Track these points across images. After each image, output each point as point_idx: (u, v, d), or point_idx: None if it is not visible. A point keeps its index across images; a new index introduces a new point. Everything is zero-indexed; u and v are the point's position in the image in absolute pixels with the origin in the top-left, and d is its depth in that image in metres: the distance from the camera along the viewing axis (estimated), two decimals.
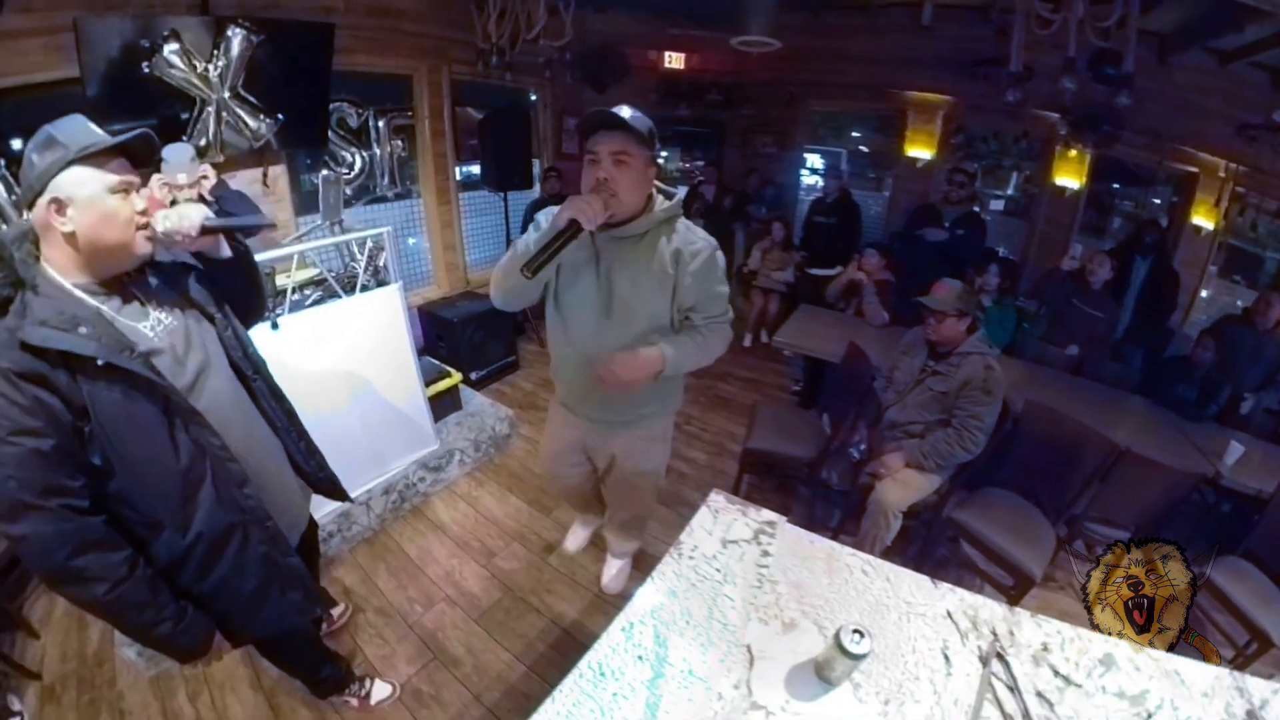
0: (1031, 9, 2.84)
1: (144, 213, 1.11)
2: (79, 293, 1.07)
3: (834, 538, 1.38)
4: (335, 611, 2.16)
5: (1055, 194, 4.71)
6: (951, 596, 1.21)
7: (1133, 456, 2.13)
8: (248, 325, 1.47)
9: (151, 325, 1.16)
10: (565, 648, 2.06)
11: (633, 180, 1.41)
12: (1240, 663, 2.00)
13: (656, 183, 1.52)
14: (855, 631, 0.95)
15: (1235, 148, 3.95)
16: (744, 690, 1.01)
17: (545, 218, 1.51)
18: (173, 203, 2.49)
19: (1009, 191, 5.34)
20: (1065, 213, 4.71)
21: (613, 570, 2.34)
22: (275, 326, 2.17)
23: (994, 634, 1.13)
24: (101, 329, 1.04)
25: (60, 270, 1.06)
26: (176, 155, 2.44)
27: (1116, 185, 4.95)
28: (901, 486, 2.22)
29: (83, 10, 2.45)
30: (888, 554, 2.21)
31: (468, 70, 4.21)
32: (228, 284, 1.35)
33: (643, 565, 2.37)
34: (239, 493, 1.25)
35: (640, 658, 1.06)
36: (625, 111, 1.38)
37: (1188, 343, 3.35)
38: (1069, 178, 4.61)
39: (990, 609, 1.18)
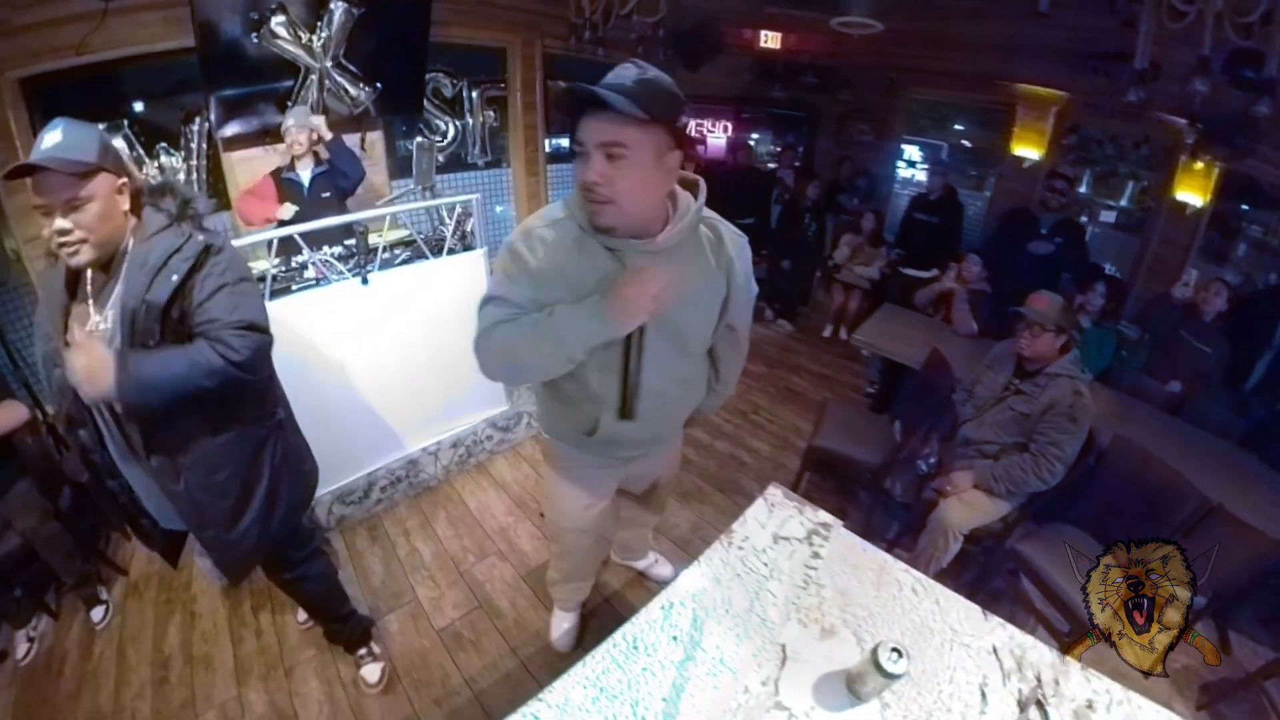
0: None
1: (63, 233, 1.14)
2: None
3: (889, 550, 1.35)
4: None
5: (1174, 210, 4.17)
6: (1000, 632, 1.15)
7: (1224, 514, 1.91)
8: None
9: (95, 322, 1.25)
10: (604, 616, 2.13)
11: (639, 179, 1.01)
12: None
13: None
14: (894, 650, 0.93)
15: None
16: (771, 688, 1.01)
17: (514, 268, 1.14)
18: (288, 172, 2.74)
19: (1122, 203, 4.76)
20: (1183, 232, 4.17)
21: (656, 560, 2.30)
22: (365, 282, 2.32)
23: (1038, 680, 1.07)
24: (46, 313, 1.27)
25: None
26: (296, 115, 2.69)
27: (1246, 207, 4.27)
28: (967, 508, 2.12)
29: None
30: (941, 576, 2.13)
31: (560, 44, 4.26)
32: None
33: (690, 549, 2.40)
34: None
35: (675, 638, 1.08)
36: (627, 75, 0.96)
37: None
38: (1192, 193, 4.07)
39: (1039, 652, 1.12)
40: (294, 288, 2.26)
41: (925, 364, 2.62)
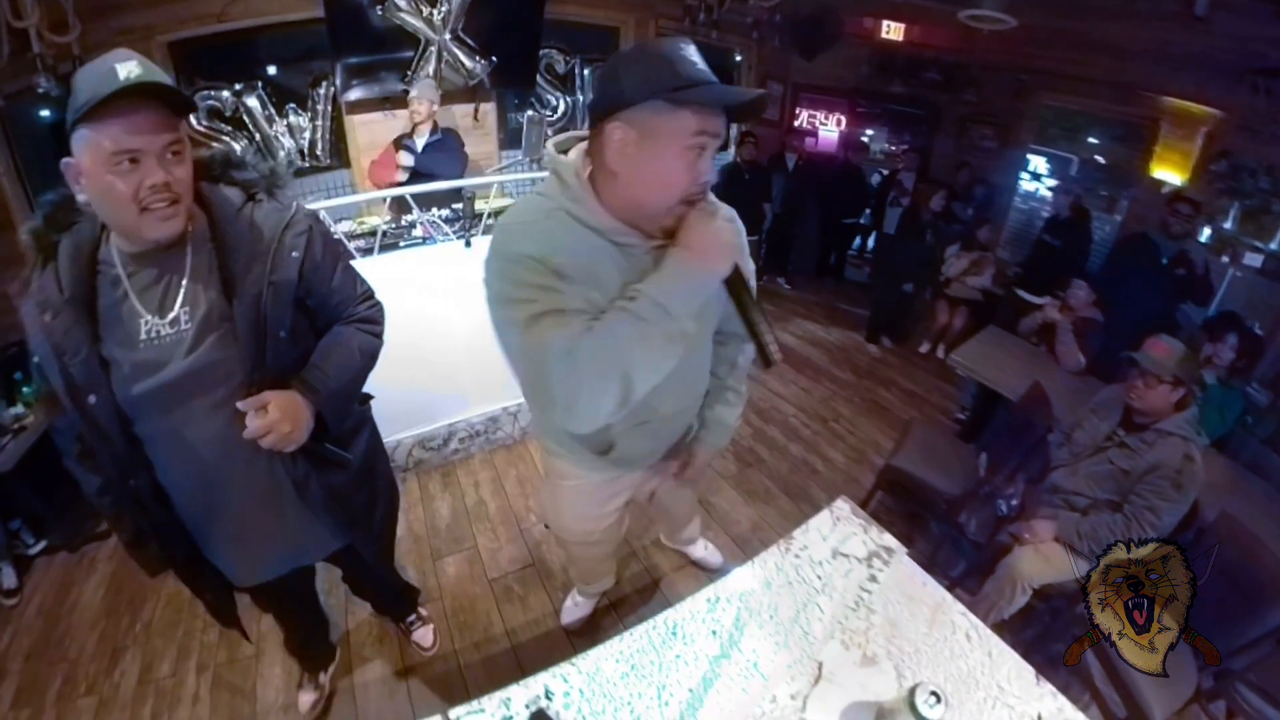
0: None
1: (163, 186, 0.89)
2: (115, 256, 0.97)
3: (950, 589, 1.30)
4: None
5: None
6: (1050, 701, 1.08)
7: None
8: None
9: (152, 326, 0.98)
10: (649, 597, 2.19)
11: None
12: None
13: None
14: (934, 693, 0.89)
15: None
16: (799, 704, 1.01)
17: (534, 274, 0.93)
18: (406, 139, 2.93)
19: (1272, 246, 4.11)
20: None
21: (706, 548, 2.31)
22: (468, 245, 2.46)
23: None
24: (67, 321, 0.93)
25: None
26: (422, 86, 2.87)
27: None
28: (1043, 560, 1.98)
29: None
30: (1000, 627, 2.00)
31: (674, 25, 4.23)
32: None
33: (747, 547, 2.41)
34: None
35: (714, 633, 1.10)
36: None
37: None
38: None
39: None
40: (402, 244, 2.43)
41: (1024, 397, 2.47)
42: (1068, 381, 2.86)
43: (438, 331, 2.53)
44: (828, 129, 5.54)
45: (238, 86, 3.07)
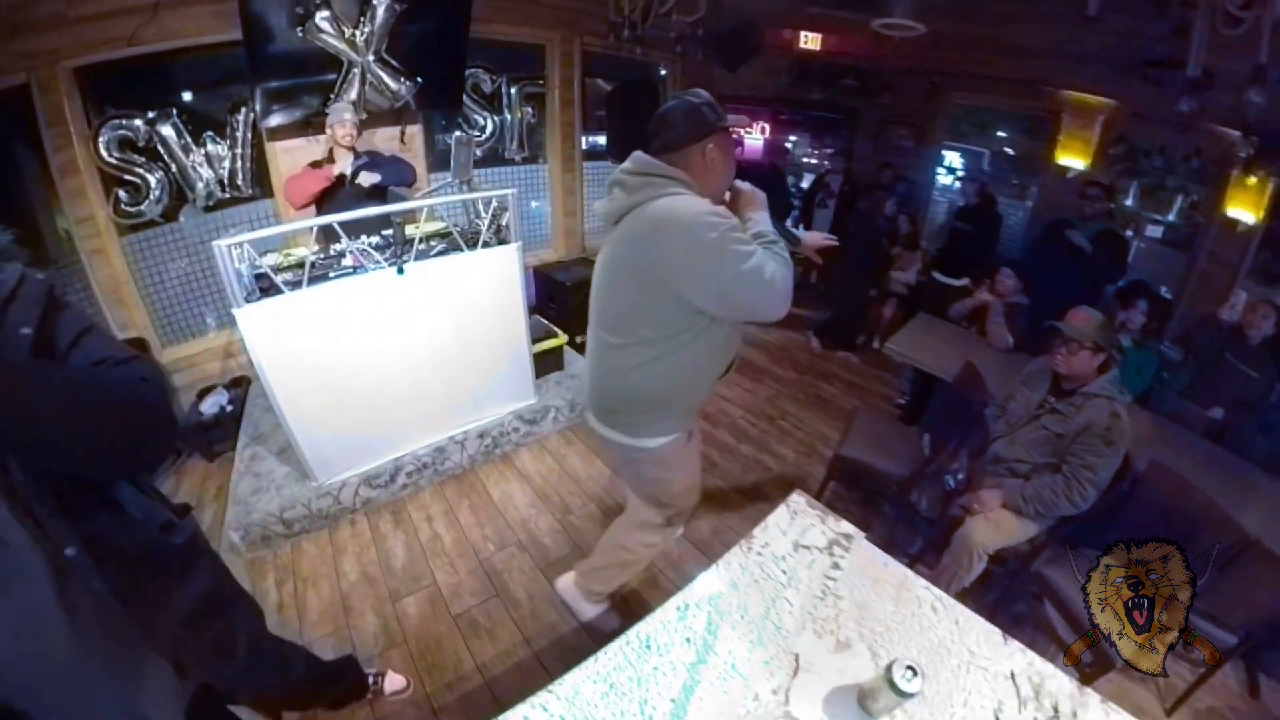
0: (1219, 4, 2.42)
1: None
2: None
3: (910, 565, 1.33)
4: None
5: (1225, 227, 3.96)
6: (1020, 657, 1.13)
7: (1262, 550, 1.83)
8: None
9: None
10: (620, 613, 2.13)
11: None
12: None
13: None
14: (909, 668, 0.92)
15: None
16: (781, 698, 1.01)
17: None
18: (330, 151, 2.83)
19: (1170, 217, 4.54)
20: (1234, 251, 3.95)
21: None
22: (401, 271, 2.37)
23: (1055, 710, 1.04)
24: None
25: None
26: (337, 109, 2.78)
27: None
28: (993, 527, 2.07)
29: None
30: (963, 595, 2.09)
31: (599, 42, 4.27)
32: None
33: (709, 551, 2.41)
34: None
35: (688, 640, 1.09)
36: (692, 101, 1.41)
37: None
38: (1244, 209, 3.85)
39: (1059, 681, 1.09)
40: (331, 275, 2.33)
41: (958, 377, 2.57)
42: (997, 359, 3.01)
43: (375, 364, 2.43)
44: (753, 137, 5.73)
45: (151, 114, 2.87)
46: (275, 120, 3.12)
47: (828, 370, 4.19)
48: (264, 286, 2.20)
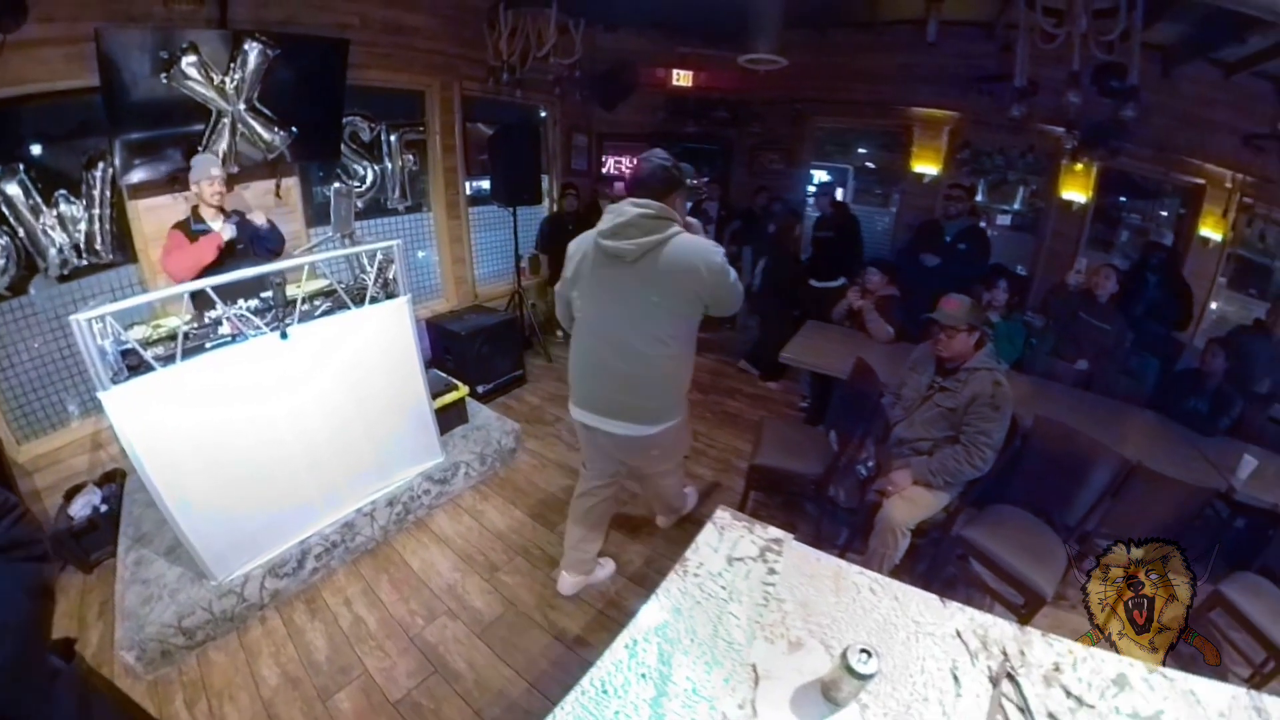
0: (1035, 24, 2.85)
1: None
2: None
3: (841, 556, 1.38)
4: None
5: (1062, 208, 4.69)
6: (961, 616, 1.19)
7: (1144, 471, 2.10)
8: None
9: None
10: (568, 664, 2.03)
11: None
12: (1257, 681, 1.97)
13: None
14: (863, 651, 0.94)
15: (1242, 158, 3.93)
16: (749, 710, 1.00)
17: None
18: (194, 209, 2.57)
19: (1015, 206, 5.31)
20: (1072, 227, 4.69)
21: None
22: (285, 336, 2.18)
23: (1004, 654, 1.11)
24: None
25: None
26: (200, 162, 2.53)
27: (1123, 199, 4.92)
28: (909, 504, 2.20)
29: (104, 21, 2.52)
30: (896, 572, 2.18)
31: (479, 87, 4.28)
32: None
33: (646, 583, 2.36)
34: None
35: (644, 675, 1.04)
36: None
37: (1198, 356, 3.30)
38: (1075, 191, 4.59)
39: (1000, 628, 1.16)
40: (208, 345, 2.10)
41: (851, 374, 2.73)
42: (883, 350, 3.24)
43: (266, 439, 2.20)
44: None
45: None
46: (137, 176, 2.78)
47: (730, 386, 4.33)
48: (132, 364, 1.93)
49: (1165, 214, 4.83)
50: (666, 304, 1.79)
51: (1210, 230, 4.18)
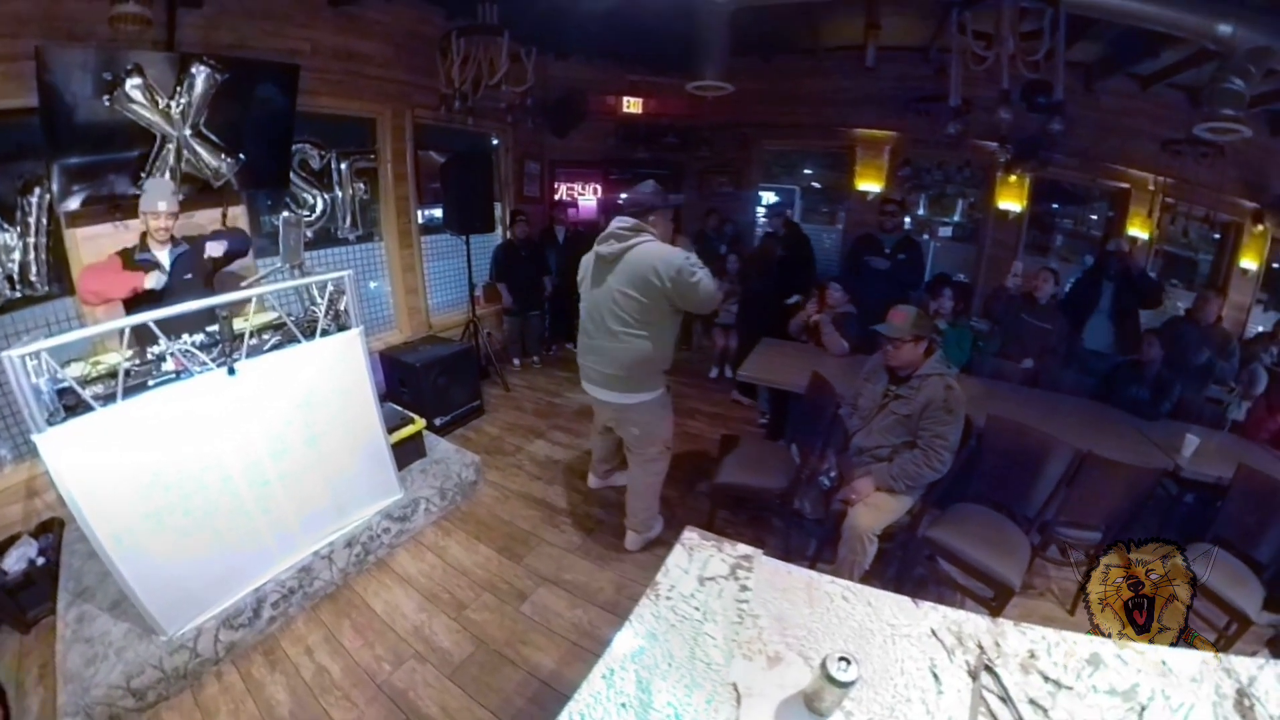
0: (967, 47, 3.03)
1: None
2: None
3: (812, 566, 1.40)
4: None
5: (999, 218, 5.02)
6: (934, 614, 1.21)
7: (1095, 459, 2.20)
8: None
9: None
10: (545, 700, 1.96)
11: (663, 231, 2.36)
12: (1223, 644, 2.07)
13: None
14: (841, 659, 0.94)
15: (1161, 162, 4.33)
16: None
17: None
18: (142, 236, 2.44)
19: (955, 218, 5.63)
20: (1010, 234, 5.01)
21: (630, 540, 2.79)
22: (232, 372, 2.09)
23: (980, 647, 1.13)
24: None
25: None
26: (153, 187, 2.42)
27: (1056, 205, 5.33)
28: (874, 510, 2.24)
29: (45, 39, 2.42)
30: (866, 578, 2.23)
31: (431, 114, 4.26)
32: None
33: (619, 609, 2.31)
34: None
35: (624, 705, 1.02)
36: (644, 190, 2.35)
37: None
38: (1011, 201, 4.92)
39: (974, 623, 1.19)
40: (151, 383, 1.98)
41: (808, 387, 2.78)
42: (839, 363, 3.33)
43: (214, 481, 2.08)
44: (586, 198, 5.95)
45: None
46: (76, 202, 2.63)
47: (689, 407, 4.32)
48: (70, 404, 1.81)
49: (1095, 217, 5.22)
50: (634, 294, 2.25)
51: (1138, 230, 4.53)
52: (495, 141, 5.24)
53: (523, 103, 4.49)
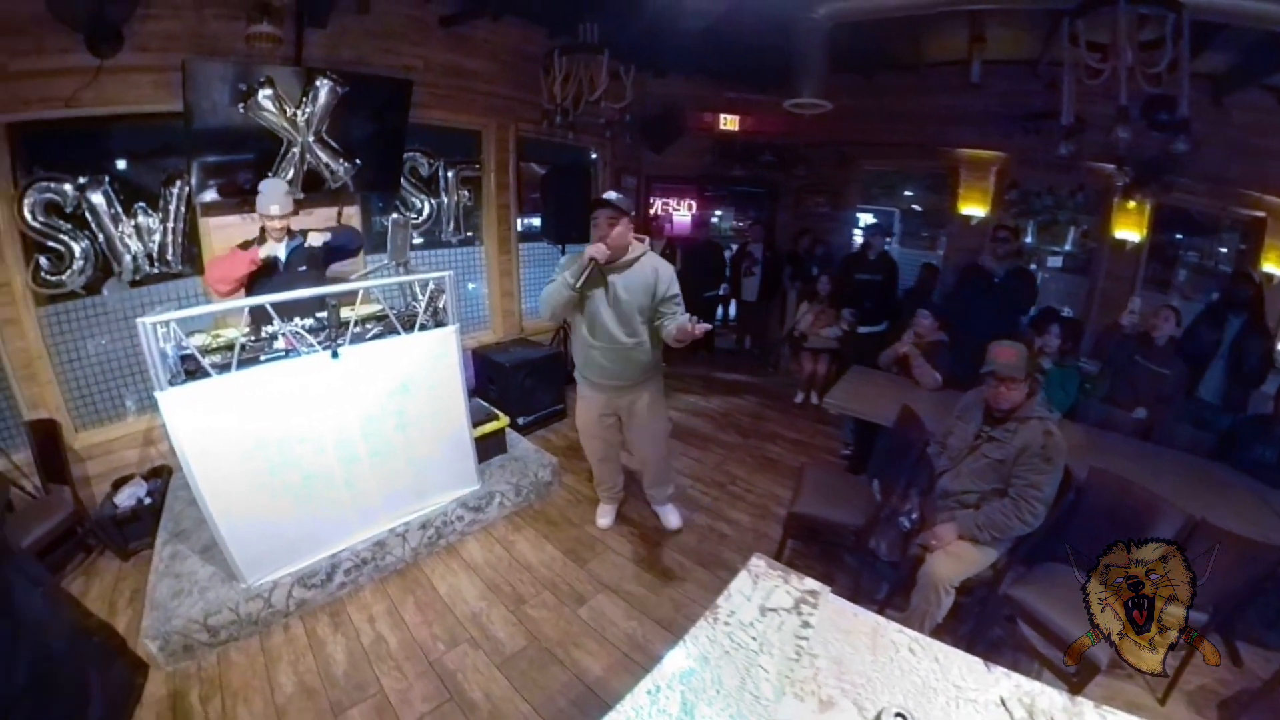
0: (1079, 60, 2.78)
1: None
2: None
3: (880, 611, 1.32)
4: None
5: (1115, 248, 4.48)
6: (1006, 681, 1.11)
7: (1208, 528, 1.92)
8: None
9: None
10: (587, 705, 1.97)
11: (620, 233, 2.32)
12: None
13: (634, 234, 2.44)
14: (899, 715, 0.89)
15: None
16: None
17: (567, 260, 2.42)
18: (261, 230, 2.75)
19: (1067, 247, 5.10)
20: (1127, 267, 4.46)
21: (671, 513, 3.00)
22: (336, 355, 2.28)
23: None
24: None
25: None
26: (271, 188, 2.71)
27: (1180, 235, 4.67)
28: (954, 560, 2.08)
29: (190, 54, 2.81)
30: (937, 632, 2.06)
31: (533, 128, 4.48)
32: None
33: (675, 628, 2.29)
34: None
35: None
36: (613, 195, 2.35)
37: (1266, 402, 3.03)
38: (1129, 230, 4.39)
39: (1049, 697, 1.08)
40: (263, 358, 2.21)
41: (897, 421, 2.63)
42: (930, 398, 3.12)
43: (308, 453, 2.28)
44: (680, 213, 6.02)
45: (82, 180, 2.72)
46: (210, 195, 3.05)
47: (771, 431, 4.25)
48: (190, 369, 2.06)
49: (1224, 250, 4.57)
50: (644, 304, 2.49)
51: (1274, 266, 3.91)
52: (594, 156, 5.41)
53: (621, 119, 4.61)
